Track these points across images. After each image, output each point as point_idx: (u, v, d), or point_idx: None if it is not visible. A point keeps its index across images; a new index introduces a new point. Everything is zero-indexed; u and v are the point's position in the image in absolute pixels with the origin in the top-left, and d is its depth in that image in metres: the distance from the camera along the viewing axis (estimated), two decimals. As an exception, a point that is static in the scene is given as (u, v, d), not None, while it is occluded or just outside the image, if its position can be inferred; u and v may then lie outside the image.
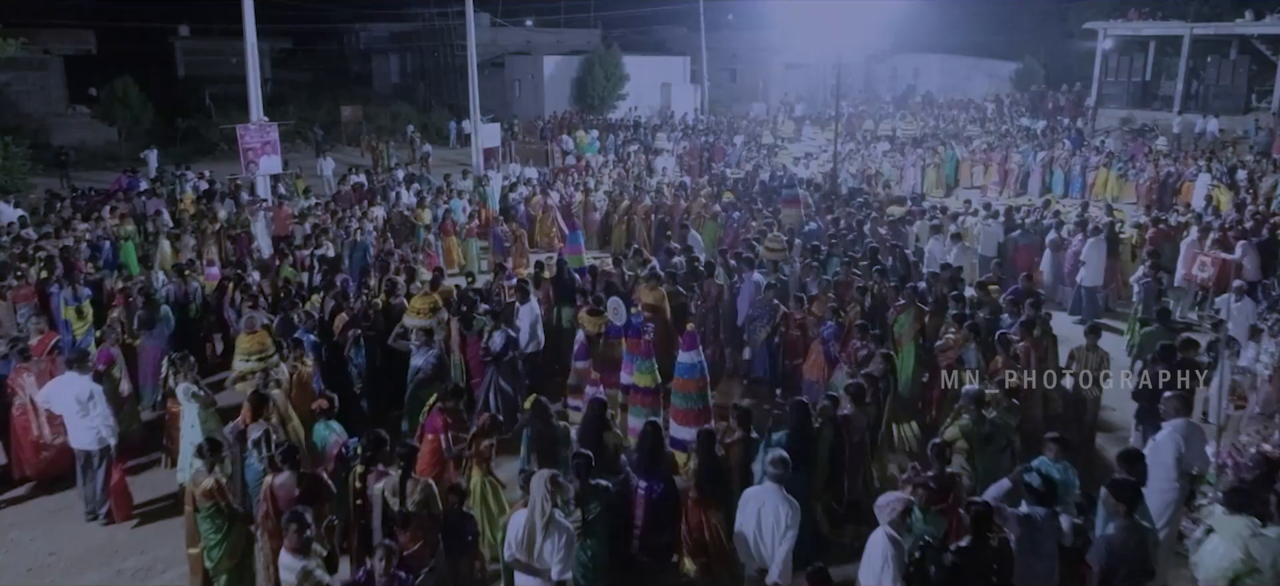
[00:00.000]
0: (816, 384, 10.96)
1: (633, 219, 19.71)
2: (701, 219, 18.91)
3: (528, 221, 20.82)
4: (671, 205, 19.73)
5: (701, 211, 19.14)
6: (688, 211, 19.42)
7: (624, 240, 19.79)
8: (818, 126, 31.81)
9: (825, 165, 24.56)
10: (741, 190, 20.90)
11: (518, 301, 11.35)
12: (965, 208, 18.25)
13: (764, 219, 17.30)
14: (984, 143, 27.79)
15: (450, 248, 18.05)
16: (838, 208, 18.56)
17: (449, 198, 20.14)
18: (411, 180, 23.66)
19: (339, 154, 37.07)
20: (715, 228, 18.73)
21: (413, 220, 19.04)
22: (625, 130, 34.43)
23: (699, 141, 29.22)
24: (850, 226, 16.53)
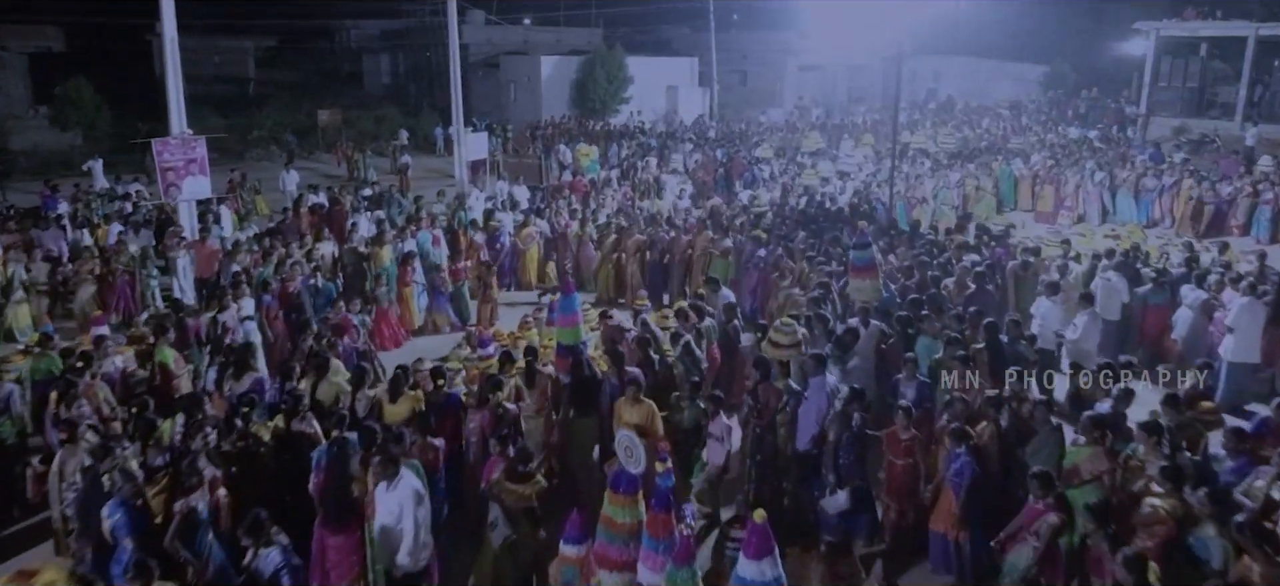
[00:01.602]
0: (948, 538, 7.11)
1: (621, 256, 15.57)
2: (707, 255, 14.86)
3: (512, 257, 16.62)
4: (672, 239, 15.57)
5: (707, 245, 15.02)
6: (691, 246, 15.28)
7: (609, 285, 15.67)
8: (853, 138, 27.35)
9: (864, 186, 20.33)
10: (775, 222, 16.70)
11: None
12: (1065, 251, 14.06)
13: (816, 263, 13.13)
14: (1045, 157, 23.52)
15: (406, 304, 13.81)
16: (900, 248, 14.38)
17: (417, 229, 15.95)
18: (377, 202, 19.43)
19: (315, 162, 32.89)
20: (725, 267, 14.66)
21: (368, 260, 14.86)
22: (632, 139, 30.09)
23: (715, 154, 24.95)
24: (925, 278, 12.35)
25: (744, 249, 15.08)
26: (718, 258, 15.10)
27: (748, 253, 15.02)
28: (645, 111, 38.26)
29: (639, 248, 15.52)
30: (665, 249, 15.51)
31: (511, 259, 16.62)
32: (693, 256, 15.40)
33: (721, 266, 15.11)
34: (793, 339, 9.27)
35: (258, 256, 14.22)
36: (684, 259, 15.46)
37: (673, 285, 15.46)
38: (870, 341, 9.94)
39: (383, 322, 13.04)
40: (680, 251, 15.45)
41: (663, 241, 15.60)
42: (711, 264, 15.14)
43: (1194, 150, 28.13)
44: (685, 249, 15.47)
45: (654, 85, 39.51)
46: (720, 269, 15.14)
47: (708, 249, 15.22)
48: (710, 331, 10.78)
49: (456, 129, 22.70)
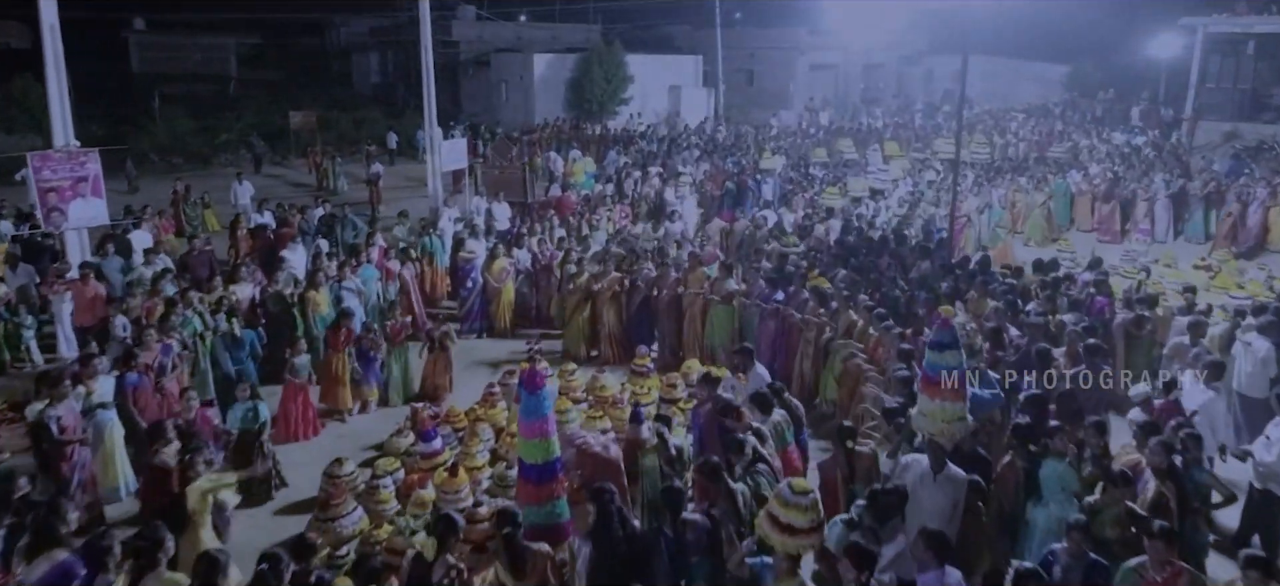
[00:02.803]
0: None
1: (597, 302, 12.25)
2: (703, 300, 11.63)
3: (483, 301, 13.25)
4: (657, 277, 12.23)
5: (703, 287, 11.77)
6: (683, 284, 11.90)
7: (581, 338, 12.35)
8: (894, 145, 23.66)
9: (900, 207, 16.88)
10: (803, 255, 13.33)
11: None
12: (1191, 301, 10.68)
13: (881, 322, 9.80)
14: (1105, 169, 20.07)
15: (335, 376, 10.38)
16: (972, 295, 11.01)
17: (357, 264, 12.57)
18: (330, 224, 16.04)
19: (287, 169, 29.51)
20: (728, 317, 11.35)
21: (300, 307, 11.52)
22: (631, 145, 26.60)
23: (724, 164, 21.50)
24: (1031, 352, 8.96)
25: (754, 293, 11.75)
26: (718, 304, 11.78)
27: (757, 295, 11.70)
28: (646, 113, 34.86)
29: (614, 293, 12.14)
30: (653, 284, 12.15)
31: (481, 301, 13.25)
32: (686, 302, 12.07)
33: (723, 317, 11.81)
34: (810, 518, 5.57)
35: (149, 304, 10.86)
36: (672, 303, 12.12)
37: (661, 338, 12.13)
38: (948, 502, 6.39)
39: (289, 403, 9.64)
40: (669, 293, 12.08)
41: (646, 280, 12.23)
42: (711, 313, 11.83)
43: (1252, 157, 24.74)
44: (674, 291, 12.11)
45: (655, 85, 36.09)
46: (721, 320, 11.84)
47: (703, 292, 11.89)
48: (782, 431, 7.44)
49: (429, 133, 19.28)
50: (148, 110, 36.15)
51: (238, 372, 10.08)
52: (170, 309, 10.25)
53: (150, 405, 8.79)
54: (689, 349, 12.05)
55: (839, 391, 10.48)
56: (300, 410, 9.57)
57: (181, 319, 10.24)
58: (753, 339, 11.84)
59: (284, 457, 8.98)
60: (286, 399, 9.57)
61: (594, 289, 12.23)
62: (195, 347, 10.18)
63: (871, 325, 10.11)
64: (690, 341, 12.05)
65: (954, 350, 6.91)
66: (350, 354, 10.44)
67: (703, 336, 12.01)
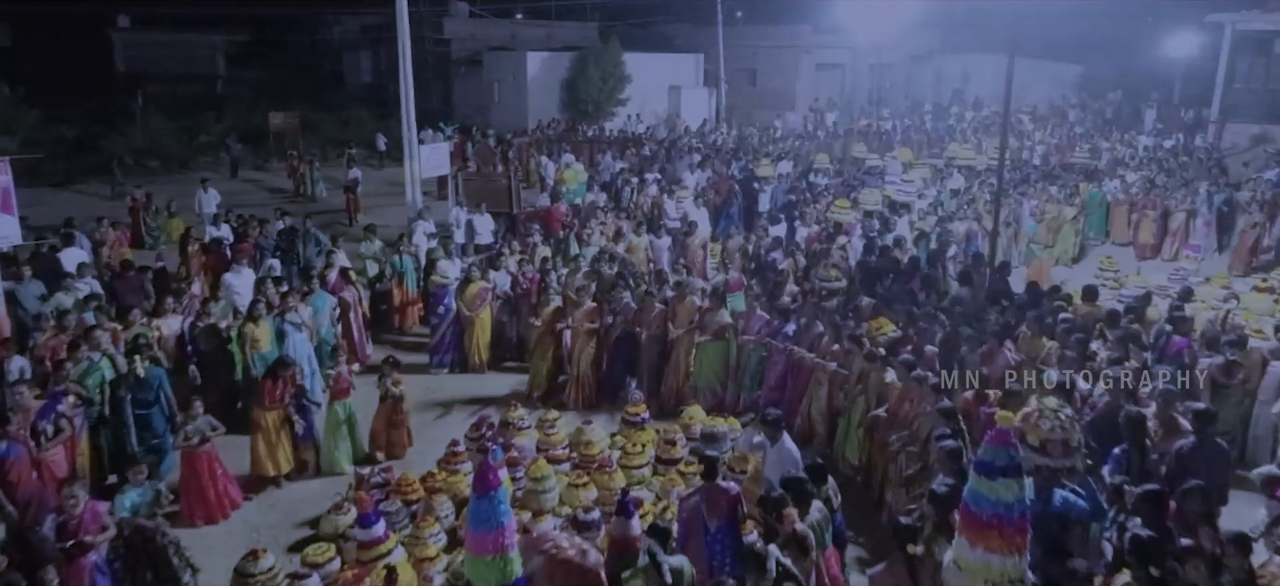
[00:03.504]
0: None
1: (565, 331, 10.53)
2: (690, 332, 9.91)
3: (457, 331, 11.49)
4: (639, 309, 10.50)
5: (691, 318, 10.17)
6: (669, 317, 10.17)
7: (547, 380, 10.62)
8: (907, 151, 21.66)
9: (921, 219, 15.03)
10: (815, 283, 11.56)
11: None
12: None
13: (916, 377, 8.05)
14: (1143, 178, 18.26)
15: (263, 430, 8.56)
16: (1024, 332, 9.24)
17: (307, 292, 10.81)
18: (290, 239, 14.26)
19: (267, 174, 27.71)
20: (721, 353, 9.71)
21: (238, 343, 9.79)
22: (631, 149, 24.78)
23: (729, 171, 19.69)
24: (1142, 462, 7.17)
25: (753, 327, 10.02)
26: (709, 341, 10.03)
27: (755, 328, 9.98)
28: (644, 115, 33.04)
29: (587, 327, 10.37)
30: (634, 318, 10.40)
31: (454, 332, 11.48)
32: (672, 335, 10.30)
33: (714, 355, 10.07)
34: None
35: (55, 342, 9.08)
36: (657, 337, 10.33)
37: (641, 379, 10.39)
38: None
39: (192, 477, 7.80)
40: (652, 326, 10.31)
41: (626, 311, 10.46)
42: (702, 355, 10.10)
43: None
44: (659, 323, 10.34)
45: (655, 85, 34.25)
46: (711, 358, 10.09)
47: (692, 320, 10.12)
48: (821, 529, 5.70)
49: (407, 137, 17.51)
50: (127, 110, 34.37)
51: (150, 424, 8.32)
52: (72, 351, 8.49)
53: (26, 482, 7.04)
54: (672, 393, 10.32)
55: (868, 448, 8.77)
56: (210, 482, 7.76)
57: (86, 364, 8.48)
58: (749, 380, 10.12)
59: (194, 544, 7.22)
60: (189, 472, 7.75)
61: (559, 327, 10.47)
62: (104, 399, 8.44)
63: (900, 376, 8.35)
64: (674, 385, 10.31)
65: (1013, 479, 4.78)
66: (290, 406, 8.67)
67: (687, 375, 10.29)
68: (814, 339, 9.73)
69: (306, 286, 11.03)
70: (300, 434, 8.63)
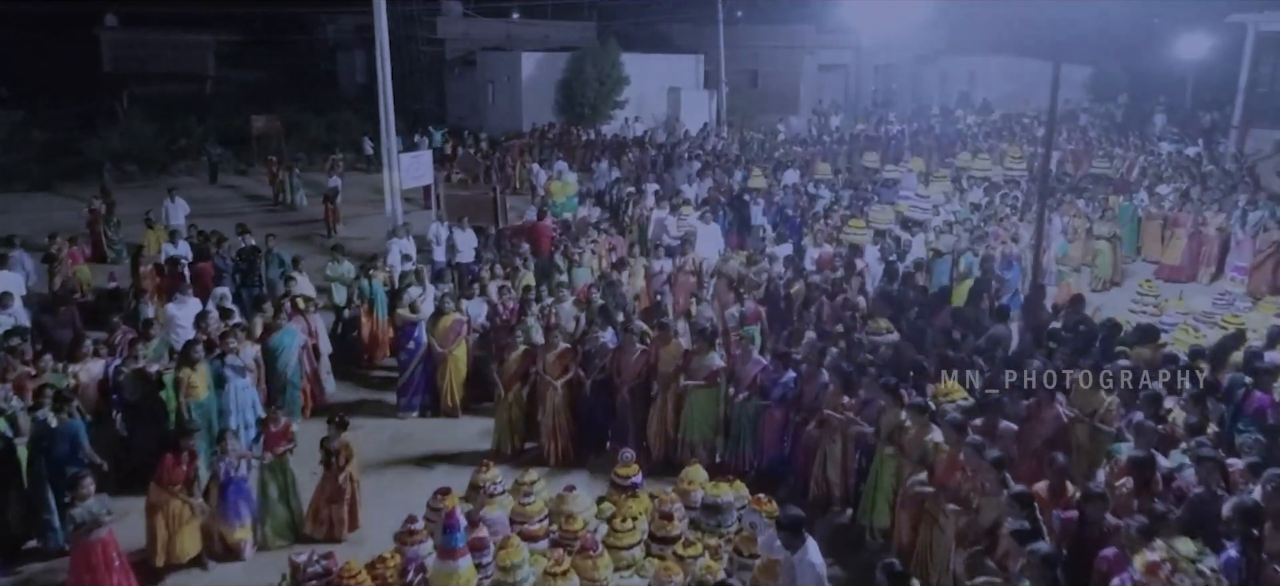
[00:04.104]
0: None
1: (536, 378, 9.12)
2: (674, 375, 8.67)
3: (427, 369, 10.12)
4: (619, 349, 9.13)
5: (676, 362, 8.80)
6: (651, 363, 8.83)
7: (511, 430, 9.25)
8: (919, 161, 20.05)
9: (941, 240, 13.57)
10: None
11: None
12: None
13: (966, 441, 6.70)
14: (1174, 190, 16.84)
15: (166, 515, 7.10)
16: (1080, 378, 7.86)
17: (260, 332, 9.43)
18: (251, 259, 12.87)
19: (249, 180, 26.27)
20: (710, 405, 8.56)
21: (172, 389, 8.43)
22: (628, 154, 23.36)
23: (730, 180, 18.27)
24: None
25: (747, 373, 8.65)
26: (699, 388, 8.66)
27: (749, 374, 8.63)
28: (643, 117, 31.64)
29: (563, 366, 8.98)
30: (613, 361, 9.04)
31: (425, 371, 10.08)
32: (658, 385, 8.92)
33: (704, 404, 8.73)
34: None
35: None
36: (638, 386, 8.97)
37: (620, 433, 9.05)
38: None
39: (84, 569, 6.35)
40: (632, 373, 8.91)
41: (602, 354, 9.07)
42: (687, 400, 8.74)
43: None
44: (640, 370, 8.94)
45: (653, 86, 32.82)
46: (701, 408, 8.74)
47: (676, 365, 8.72)
48: None
49: (386, 143, 16.17)
50: (112, 112, 32.97)
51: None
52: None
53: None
54: (662, 448, 8.95)
55: (899, 518, 7.41)
56: (106, 577, 6.34)
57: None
58: (745, 434, 8.74)
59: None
60: (81, 565, 6.33)
61: (528, 373, 9.07)
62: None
63: (948, 438, 6.98)
64: (658, 438, 8.94)
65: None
66: (225, 470, 7.27)
67: (674, 429, 8.90)
68: (819, 391, 8.37)
69: (274, 318, 9.65)
70: (230, 512, 7.21)
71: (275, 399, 9.43)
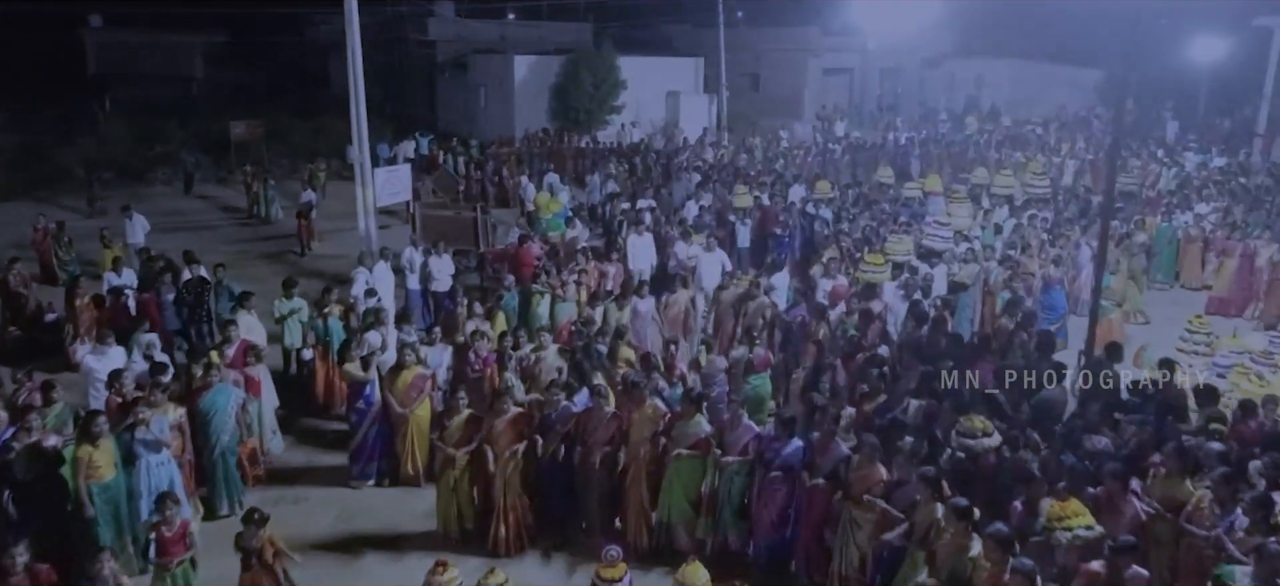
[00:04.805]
0: None
1: (491, 450, 7.55)
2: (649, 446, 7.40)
3: (383, 432, 8.68)
4: (586, 413, 7.66)
5: (653, 426, 7.46)
6: (624, 429, 7.41)
7: (457, 509, 7.69)
8: (935, 178, 18.32)
9: (965, 269, 12.03)
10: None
11: None
12: None
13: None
14: (1214, 209, 15.38)
15: None
16: (1157, 462, 6.45)
17: (198, 389, 8.01)
18: (198, 292, 11.40)
19: (226, 190, 24.79)
20: (694, 476, 7.39)
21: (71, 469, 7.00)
22: (624, 163, 21.90)
23: (731, 196, 16.76)
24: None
25: (738, 436, 7.26)
26: (682, 458, 7.25)
27: (741, 441, 7.25)
28: (640, 122, 30.17)
29: (516, 432, 7.49)
30: (578, 427, 7.57)
31: (380, 433, 8.61)
32: (629, 456, 7.47)
33: (688, 474, 7.35)
34: None
35: None
36: (606, 456, 7.51)
37: (586, 509, 7.63)
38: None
39: None
40: (601, 441, 7.46)
41: (564, 418, 7.61)
42: (670, 470, 7.35)
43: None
44: (612, 437, 7.48)
45: (652, 90, 31.33)
46: (685, 478, 7.37)
47: (654, 432, 7.32)
48: None
49: (359, 157, 14.73)
50: (92, 115, 31.54)
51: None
52: None
53: None
54: (636, 530, 7.53)
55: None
56: None
57: None
58: (732, 509, 7.33)
59: None
60: None
61: (474, 442, 7.59)
62: None
63: (989, 553, 5.57)
64: (635, 519, 7.51)
65: None
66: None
67: (651, 505, 7.48)
68: (837, 463, 6.93)
69: (204, 375, 8.18)
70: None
71: (205, 472, 8.05)
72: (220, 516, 7.91)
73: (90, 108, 32.67)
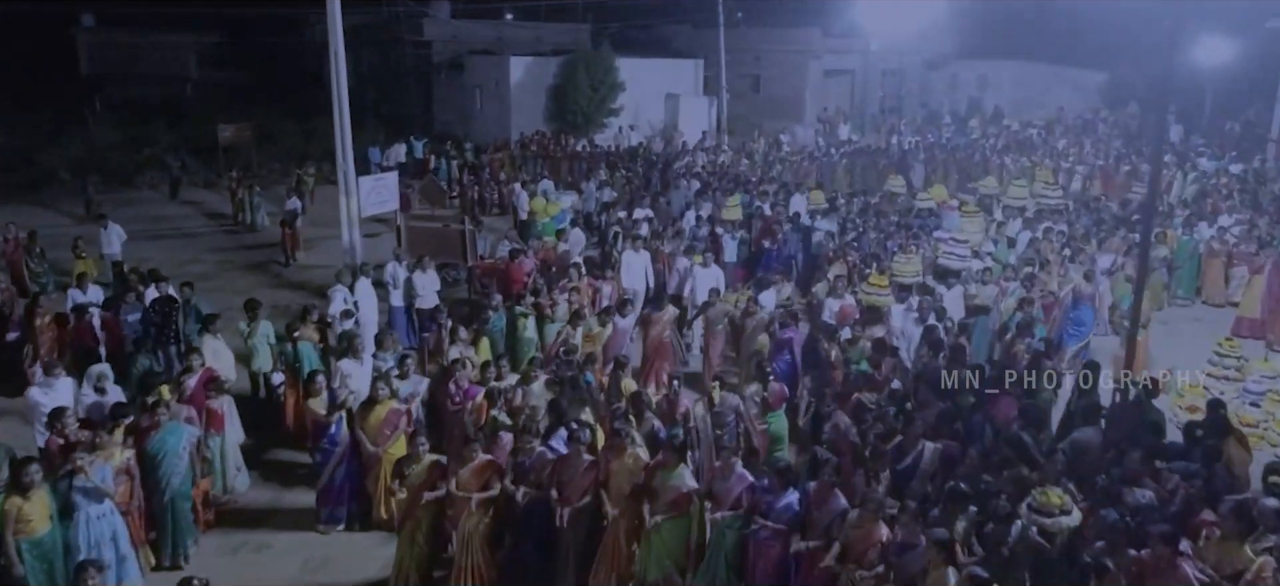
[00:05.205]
0: None
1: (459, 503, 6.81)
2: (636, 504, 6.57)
3: (353, 471, 7.95)
4: (561, 461, 6.89)
5: (630, 476, 6.68)
6: (603, 481, 6.69)
7: (416, 576, 6.94)
8: (941, 189, 17.45)
9: (983, 290, 11.23)
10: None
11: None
12: None
13: None
14: (1238, 222, 14.63)
15: None
16: (1210, 522, 5.69)
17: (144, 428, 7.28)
18: (165, 312, 10.65)
19: (208, 196, 24.01)
20: (677, 535, 6.80)
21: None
22: (620, 170, 21.15)
23: (745, 208, 15.96)
24: None
25: (729, 486, 6.52)
26: (666, 520, 6.49)
27: (733, 492, 6.51)
28: (639, 125, 29.42)
29: (483, 484, 6.75)
30: (550, 477, 6.76)
31: (350, 472, 7.86)
32: (608, 513, 6.71)
33: (671, 535, 6.57)
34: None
35: None
36: (583, 509, 6.74)
37: (561, 570, 6.78)
38: None
39: None
40: (578, 491, 6.68)
41: (539, 466, 6.82)
42: (651, 539, 6.60)
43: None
44: (588, 487, 6.70)
45: (651, 92, 30.55)
46: (669, 537, 6.59)
47: (634, 484, 6.59)
48: None
49: (342, 165, 14.00)
50: (82, 117, 30.78)
51: None
52: None
53: None
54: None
55: None
56: None
57: None
58: (727, 566, 6.58)
59: None
60: None
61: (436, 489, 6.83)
62: None
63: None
64: (611, 576, 6.74)
65: None
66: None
67: (630, 563, 6.73)
68: (833, 520, 6.18)
69: (151, 411, 7.44)
70: None
71: (155, 518, 7.32)
72: (165, 568, 7.17)
73: (81, 109, 31.92)
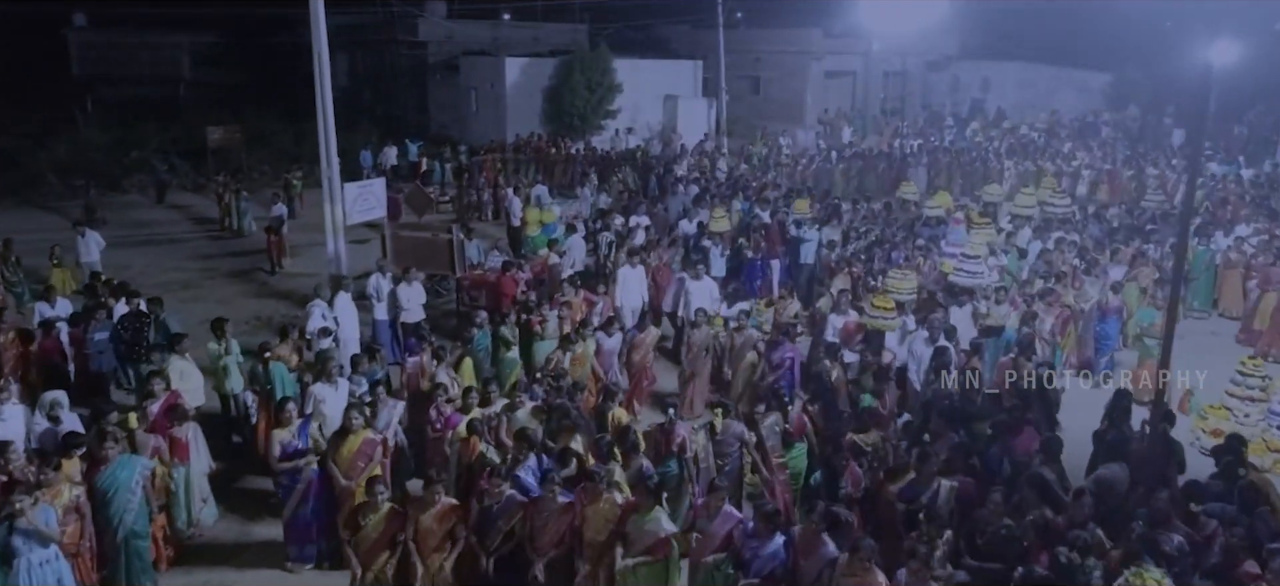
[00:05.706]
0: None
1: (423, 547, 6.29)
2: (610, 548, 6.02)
3: (323, 504, 7.39)
4: (537, 500, 6.35)
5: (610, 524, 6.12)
6: (578, 525, 6.13)
7: None
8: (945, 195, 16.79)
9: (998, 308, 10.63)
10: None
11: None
12: None
13: None
14: (1255, 232, 14.08)
15: None
16: None
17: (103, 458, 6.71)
18: (135, 328, 10.09)
19: (195, 201, 23.43)
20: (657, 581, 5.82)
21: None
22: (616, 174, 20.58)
23: (744, 215, 15.43)
24: None
25: (715, 527, 5.99)
26: (646, 564, 5.94)
27: (718, 533, 5.99)
28: (637, 127, 28.85)
29: (447, 534, 6.22)
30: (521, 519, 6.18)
31: (319, 506, 7.31)
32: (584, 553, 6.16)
33: (649, 582, 6.02)
34: None
35: None
36: (556, 559, 6.22)
37: None
38: None
39: None
40: (553, 536, 6.15)
41: (509, 509, 6.23)
42: (626, 583, 6.04)
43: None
44: (564, 533, 6.17)
45: (649, 94, 30.01)
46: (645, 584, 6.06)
47: (609, 531, 6.07)
48: None
49: (327, 171, 13.45)
50: (72, 118, 30.18)
51: None
52: None
53: None
54: None
55: None
56: None
57: None
58: None
59: None
60: None
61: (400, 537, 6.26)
62: None
63: None
64: None
65: None
66: None
67: None
68: (823, 568, 5.64)
69: (99, 446, 6.85)
70: None
71: (107, 559, 6.77)
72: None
73: (71, 110, 31.32)
